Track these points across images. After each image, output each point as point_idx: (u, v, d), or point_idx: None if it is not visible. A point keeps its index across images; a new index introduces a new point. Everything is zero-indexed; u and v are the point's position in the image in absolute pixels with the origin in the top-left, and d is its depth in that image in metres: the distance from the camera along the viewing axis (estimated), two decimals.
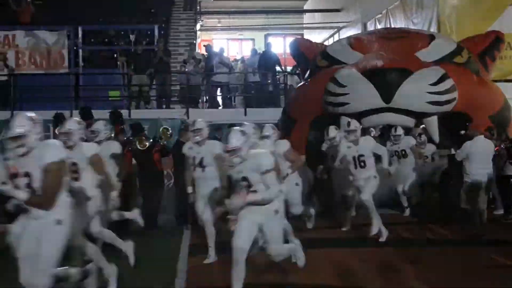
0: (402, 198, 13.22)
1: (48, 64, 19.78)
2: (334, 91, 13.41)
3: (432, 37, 14.75)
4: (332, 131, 11.87)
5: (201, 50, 21.62)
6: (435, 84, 12.90)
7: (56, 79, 19.63)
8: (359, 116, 13.11)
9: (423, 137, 13.30)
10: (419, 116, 13.21)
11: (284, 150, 10.00)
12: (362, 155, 10.59)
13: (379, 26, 20.70)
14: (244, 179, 6.94)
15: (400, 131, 12.92)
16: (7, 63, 18.94)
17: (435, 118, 13.17)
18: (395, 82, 12.85)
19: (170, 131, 12.99)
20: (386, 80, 12.89)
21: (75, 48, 20.66)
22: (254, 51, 21.19)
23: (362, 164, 10.59)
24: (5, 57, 19.02)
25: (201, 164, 9.15)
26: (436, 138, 13.33)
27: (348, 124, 10.76)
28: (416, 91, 12.86)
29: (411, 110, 13.01)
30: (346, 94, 13.21)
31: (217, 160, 8.84)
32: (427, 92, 12.85)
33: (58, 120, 11.38)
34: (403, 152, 13.01)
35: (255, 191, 6.90)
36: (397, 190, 13.12)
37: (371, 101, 12.94)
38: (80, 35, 20.83)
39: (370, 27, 21.72)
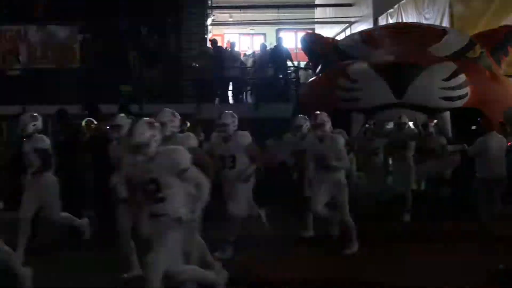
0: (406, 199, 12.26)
1: (60, 59, 19.86)
2: (345, 86, 13.36)
3: (444, 32, 14.69)
4: (300, 120, 10.76)
5: (212, 45, 21.59)
6: (447, 79, 12.83)
7: (68, 74, 19.71)
8: (371, 111, 13.10)
9: (431, 129, 13.12)
10: (432, 112, 13.14)
11: (246, 143, 8.99)
12: (323, 155, 9.21)
13: (390, 21, 20.62)
14: (152, 181, 5.89)
15: (405, 119, 12.45)
16: (19, 58, 19.02)
17: (447, 113, 13.08)
18: (407, 77, 12.78)
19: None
20: (398, 75, 12.82)
21: (86, 43, 20.71)
22: (264, 46, 21.16)
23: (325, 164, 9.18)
24: (17, 52, 19.11)
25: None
26: (449, 134, 13.25)
27: (315, 117, 9.34)
28: (428, 87, 12.79)
29: (423, 106, 12.94)
30: (357, 89, 13.16)
31: None
32: (440, 88, 12.78)
33: (61, 115, 11.34)
34: (403, 143, 12.37)
35: (162, 198, 5.91)
36: (396, 188, 12.58)
37: (383, 97, 12.87)
38: (91, 30, 20.87)
39: (382, 22, 21.65)
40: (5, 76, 18.99)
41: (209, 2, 28.54)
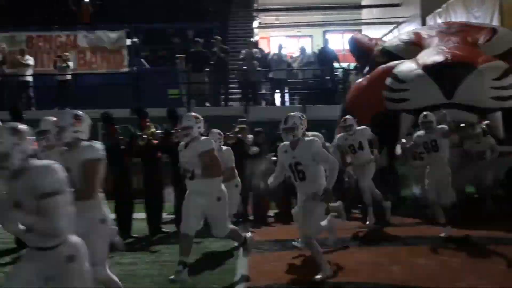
0: (437, 211, 10.65)
1: (108, 64, 20.13)
2: (394, 87, 13.27)
3: (494, 31, 14.46)
4: (213, 135, 10.40)
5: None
6: (498, 79, 12.62)
7: (116, 78, 19.95)
8: (419, 112, 12.95)
9: (478, 129, 12.81)
10: (482, 112, 12.92)
11: (201, 150, 7.69)
12: (298, 163, 7.84)
13: (439, 21, 20.39)
14: (17, 205, 4.44)
15: (431, 117, 10.84)
16: (68, 63, 19.33)
17: (499, 114, 12.84)
18: (457, 77, 12.62)
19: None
20: (447, 75, 12.67)
21: (134, 47, 20.94)
22: (303, 49, 21.04)
23: (301, 175, 7.87)
24: (67, 57, 19.43)
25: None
26: (501, 134, 13.00)
27: (285, 120, 7.90)
28: (478, 86, 12.59)
29: (474, 106, 12.74)
30: (406, 90, 13.04)
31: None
32: (490, 87, 12.58)
33: (105, 119, 11.42)
34: (434, 143, 10.67)
35: (30, 230, 4.47)
36: (427, 197, 10.92)
37: (432, 97, 12.70)
38: (139, 35, 21.09)
39: (430, 22, 21.41)
40: (55, 81, 19.32)
41: (255, 5, 28.65)
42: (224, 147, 10.85)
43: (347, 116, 12.05)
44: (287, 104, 20.15)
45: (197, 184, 7.75)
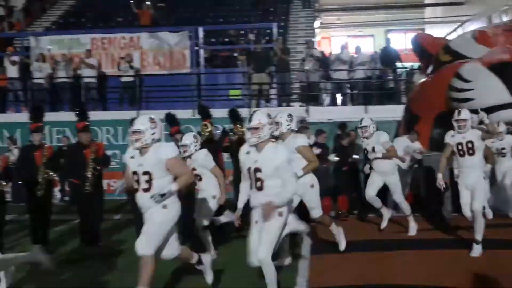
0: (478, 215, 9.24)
1: (171, 65, 20.40)
2: (458, 86, 13.05)
3: None
4: (187, 138, 9.42)
5: (320, 47, 21.55)
6: None
7: (178, 79, 20.17)
8: (485, 112, 12.71)
9: None
10: None
11: (166, 157, 6.56)
12: (258, 170, 6.73)
13: (505, 19, 20.00)
14: None
15: (466, 115, 9.57)
16: (132, 64, 19.63)
17: None
18: None
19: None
20: None
21: (196, 48, 21.14)
22: (358, 49, 20.91)
23: (258, 184, 6.76)
24: (131, 59, 19.75)
25: None
26: None
27: (250, 117, 6.85)
28: None
29: None
30: (471, 89, 12.81)
31: None
32: None
33: (169, 120, 11.50)
34: (470, 145, 9.44)
35: None
36: (463, 208, 9.63)
37: (498, 96, 12.46)
38: (201, 36, 21.29)
39: (495, 20, 21.03)
40: (119, 82, 19.66)
41: (317, 5, 28.59)
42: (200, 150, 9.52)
43: (364, 118, 11.22)
44: (349, 104, 20.00)
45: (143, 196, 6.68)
